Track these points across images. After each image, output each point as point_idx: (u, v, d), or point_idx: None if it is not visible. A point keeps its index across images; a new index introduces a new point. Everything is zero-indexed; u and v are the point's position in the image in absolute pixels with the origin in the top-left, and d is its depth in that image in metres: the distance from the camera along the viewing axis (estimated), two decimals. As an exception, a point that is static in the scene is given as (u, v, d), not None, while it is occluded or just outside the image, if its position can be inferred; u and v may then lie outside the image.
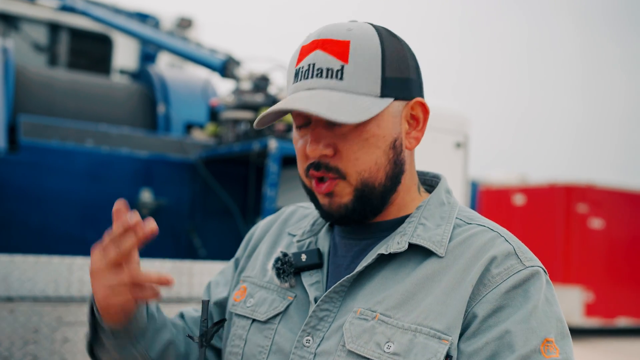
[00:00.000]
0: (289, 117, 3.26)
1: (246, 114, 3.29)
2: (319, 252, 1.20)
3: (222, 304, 1.34)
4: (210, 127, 3.80)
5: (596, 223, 11.53)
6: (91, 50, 5.79)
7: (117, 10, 4.90)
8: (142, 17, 5.30)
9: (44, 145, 3.46)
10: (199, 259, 3.54)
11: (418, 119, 1.16)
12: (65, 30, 5.58)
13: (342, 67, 1.07)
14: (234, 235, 3.65)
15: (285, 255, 1.20)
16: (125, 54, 5.72)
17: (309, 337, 1.11)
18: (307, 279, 1.18)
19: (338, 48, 1.08)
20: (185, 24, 5.92)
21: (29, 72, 4.24)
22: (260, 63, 3.51)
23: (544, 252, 11.52)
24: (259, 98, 3.30)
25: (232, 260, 1.40)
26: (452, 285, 1.05)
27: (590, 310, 11.18)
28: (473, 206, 14.50)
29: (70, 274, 2.40)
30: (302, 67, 1.11)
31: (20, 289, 2.31)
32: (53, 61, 5.58)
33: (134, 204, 3.64)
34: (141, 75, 5.01)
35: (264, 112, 1.11)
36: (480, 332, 1.02)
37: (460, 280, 1.05)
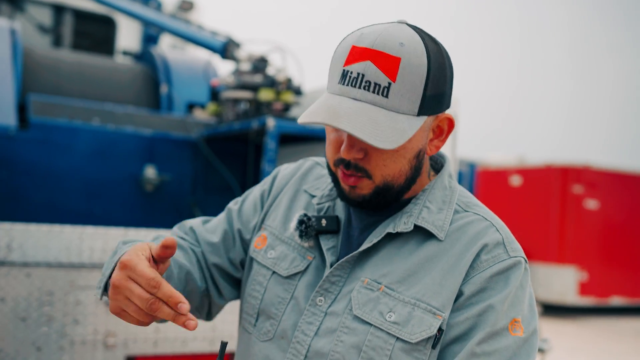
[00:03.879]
0: (287, 97, 3.41)
1: (245, 94, 3.44)
2: (337, 220, 1.35)
3: (241, 234, 1.46)
4: (211, 107, 3.95)
5: (591, 204, 11.70)
6: (95, 32, 5.91)
7: (121, -7, 5.01)
8: (144, 0, 5.42)
9: (52, 123, 3.61)
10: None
11: (442, 131, 1.28)
12: (70, 12, 5.70)
13: (390, 84, 1.14)
14: (234, 210, 3.81)
15: (308, 219, 1.34)
16: (128, 36, 5.84)
17: (321, 298, 1.28)
18: (325, 242, 1.33)
19: (389, 64, 1.14)
20: (186, 6, 6.03)
21: (36, 53, 4.37)
22: (260, 45, 3.65)
23: (539, 232, 11.70)
24: (257, 78, 3.45)
25: (258, 194, 1.51)
26: (448, 268, 1.21)
27: (584, 289, 11.39)
28: (471, 187, 14.64)
29: (81, 242, 2.57)
30: (351, 73, 1.16)
31: (36, 255, 2.48)
32: (57, 42, 5.70)
33: (138, 180, 3.80)
34: (144, 57, 5.14)
35: (310, 116, 1.16)
36: (463, 307, 1.19)
37: (455, 264, 1.21)
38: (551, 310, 12.07)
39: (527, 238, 11.88)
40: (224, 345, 1.12)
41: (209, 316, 1.51)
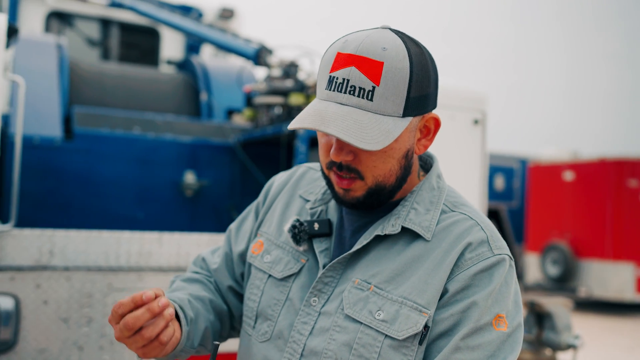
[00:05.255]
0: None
1: (276, 99, 3.52)
2: (329, 223, 1.39)
3: (242, 255, 1.55)
4: (247, 112, 4.05)
5: (648, 198, 11.34)
6: (140, 43, 6.10)
7: (161, 4, 5.18)
8: (186, 10, 5.57)
9: (95, 133, 3.78)
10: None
11: (429, 130, 1.32)
12: (116, 25, 5.92)
13: (374, 88, 1.18)
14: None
15: (301, 224, 1.39)
16: (171, 46, 6.01)
17: (315, 298, 1.33)
18: (318, 245, 1.38)
19: (372, 69, 1.18)
20: (227, 14, 6.16)
21: (81, 67, 4.57)
22: (291, 50, 3.73)
23: (594, 228, 11.42)
24: (288, 83, 3.52)
25: (253, 209, 1.60)
26: (433, 267, 1.25)
27: (642, 285, 11.06)
28: (522, 183, 14.39)
29: (118, 247, 2.70)
30: (337, 78, 1.20)
31: (76, 260, 2.62)
32: (105, 55, 5.92)
33: (179, 186, 3.94)
34: (185, 66, 5.30)
35: (299, 121, 1.22)
36: (448, 304, 1.22)
37: (440, 263, 1.25)
38: (608, 307, 11.77)
39: (581, 234, 11.62)
40: (215, 346, 1.20)
41: None
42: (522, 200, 14.30)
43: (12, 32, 2.56)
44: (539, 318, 4.42)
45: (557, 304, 4.37)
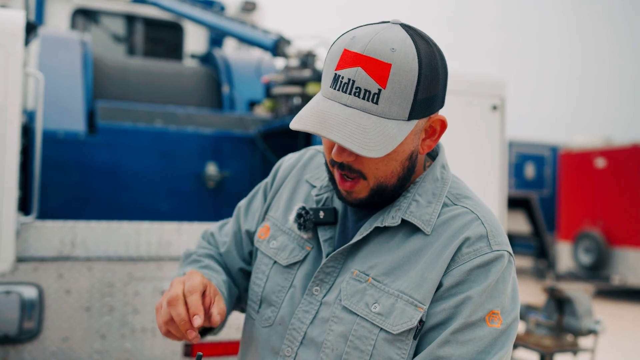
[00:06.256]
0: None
1: (294, 89, 3.54)
2: (335, 211, 1.38)
3: (250, 234, 1.56)
4: (267, 103, 4.07)
5: (683, 183, 11.10)
6: (165, 38, 6.16)
7: (183, -1, 5.23)
8: (208, 4, 5.62)
9: (118, 127, 3.84)
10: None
11: (435, 131, 1.28)
12: (140, 20, 5.98)
13: (380, 91, 1.13)
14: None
15: (306, 212, 1.39)
16: (195, 40, 6.07)
17: (317, 287, 1.33)
18: (322, 233, 1.38)
19: (379, 70, 1.13)
20: (249, 7, 6.19)
21: (105, 62, 4.64)
22: (308, 40, 3.74)
23: (627, 215, 11.21)
24: (306, 73, 3.54)
25: (262, 189, 1.59)
26: (431, 261, 1.23)
27: (678, 273, 10.84)
28: (553, 171, 14.20)
29: (138, 237, 2.75)
30: (342, 78, 1.16)
31: (97, 250, 2.68)
32: (131, 50, 5.99)
33: (200, 177, 3.98)
34: (208, 59, 5.35)
35: (301, 122, 1.18)
36: (441, 299, 1.21)
37: (437, 257, 1.22)
38: (644, 296, 11.58)
39: (614, 222, 11.43)
40: (199, 357, 1.22)
41: None
42: (553, 188, 14.11)
43: (31, 28, 2.61)
44: (559, 304, 4.36)
45: (577, 289, 4.31)
